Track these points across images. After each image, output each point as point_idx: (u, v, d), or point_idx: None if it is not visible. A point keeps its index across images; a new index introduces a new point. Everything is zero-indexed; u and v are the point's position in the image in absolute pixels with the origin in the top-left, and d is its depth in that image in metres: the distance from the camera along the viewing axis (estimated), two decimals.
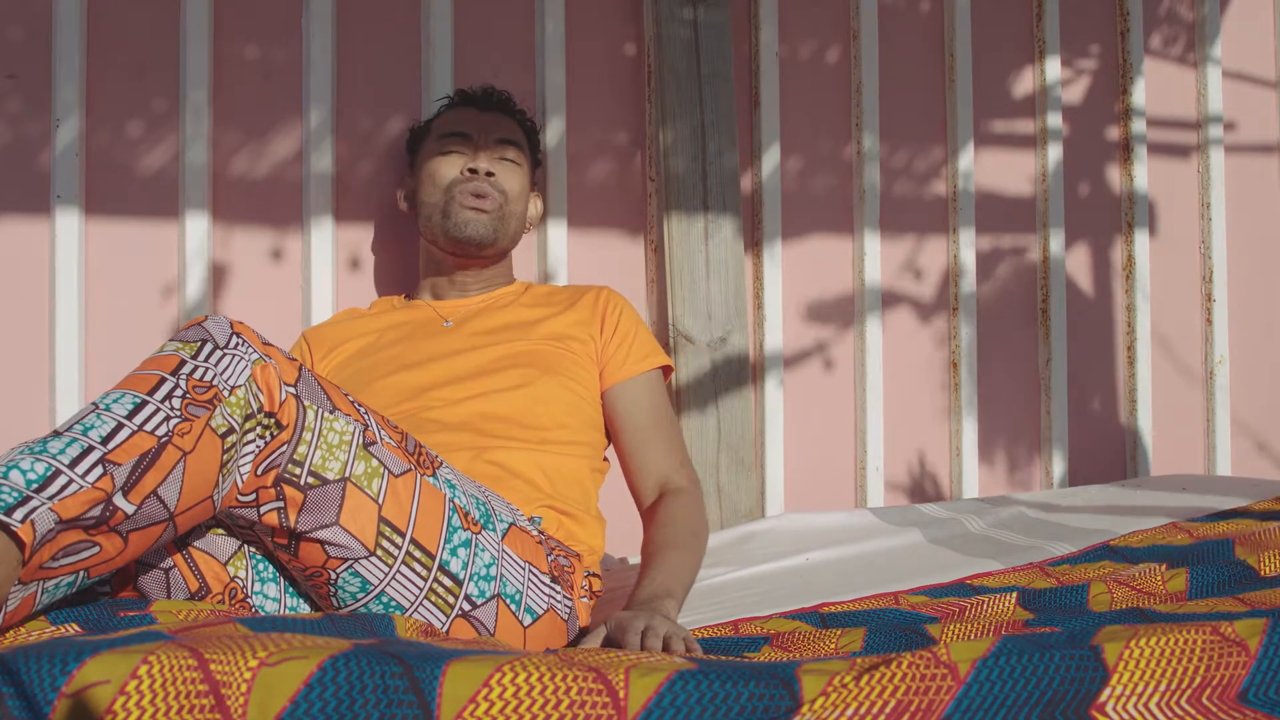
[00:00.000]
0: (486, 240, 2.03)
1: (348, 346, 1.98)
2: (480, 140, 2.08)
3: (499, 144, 2.09)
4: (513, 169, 2.10)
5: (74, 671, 0.82)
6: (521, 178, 2.12)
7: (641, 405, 1.91)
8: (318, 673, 0.85)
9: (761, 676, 0.89)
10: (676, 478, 1.86)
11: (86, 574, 1.15)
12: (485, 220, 2.02)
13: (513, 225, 2.10)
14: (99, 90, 2.25)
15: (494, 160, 2.07)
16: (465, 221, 2.01)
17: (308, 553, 1.31)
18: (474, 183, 2.03)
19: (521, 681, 0.87)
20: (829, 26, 2.78)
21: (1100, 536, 2.02)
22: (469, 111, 2.15)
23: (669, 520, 1.76)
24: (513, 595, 1.45)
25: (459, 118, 2.14)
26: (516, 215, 2.10)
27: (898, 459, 2.78)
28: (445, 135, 2.10)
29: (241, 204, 2.33)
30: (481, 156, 2.06)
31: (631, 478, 1.90)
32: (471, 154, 2.07)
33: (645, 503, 1.87)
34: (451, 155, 2.07)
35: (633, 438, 1.89)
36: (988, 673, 0.90)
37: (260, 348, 1.28)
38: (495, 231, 2.04)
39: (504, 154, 2.09)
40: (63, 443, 1.12)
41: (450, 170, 2.05)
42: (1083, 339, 2.98)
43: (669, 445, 1.90)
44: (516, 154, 2.12)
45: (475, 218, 2.01)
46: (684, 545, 1.72)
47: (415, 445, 1.44)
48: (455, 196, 2.02)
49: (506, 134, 2.12)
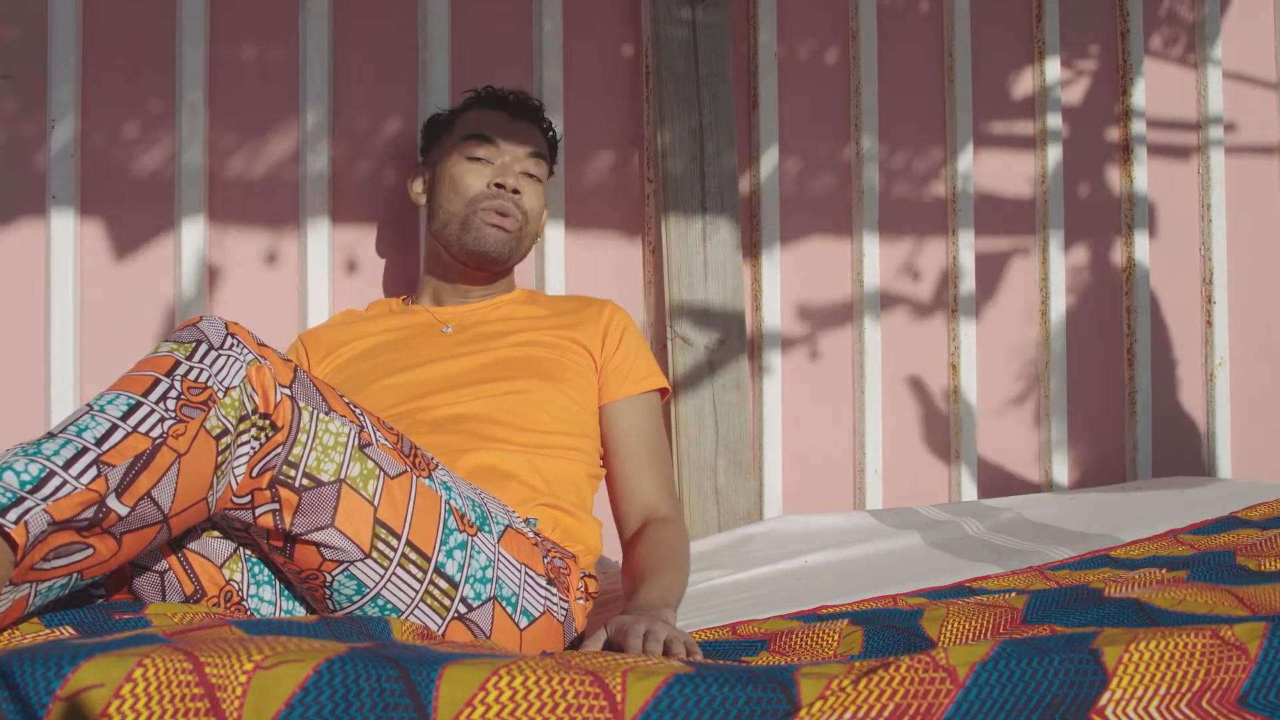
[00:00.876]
0: (503, 258, 2.03)
1: (345, 350, 1.97)
2: (509, 151, 2.05)
3: (527, 159, 2.06)
4: (536, 187, 2.08)
5: (69, 675, 0.81)
6: (542, 195, 2.10)
7: (636, 427, 1.90)
8: (313, 676, 0.85)
9: (759, 680, 0.88)
10: (664, 507, 1.85)
11: (80, 576, 1.14)
12: (506, 239, 2.01)
13: (528, 243, 2.09)
14: (95, 91, 2.24)
15: (521, 176, 2.05)
16: (486, 237, 1.99)
17: (303, 555, 1.31)
18: (499, 200, 2.00)
19: (519, 685, 0.87)
20: (828, 27, 2.78)
21: (1100, 541, 2.01)
22: (499, 116, 2.10)
23: (661, 542, 1.75)
24: (509, 597, 1.45)
25: (489, 120, 2.09)
26: (532, 235, 2.09)
27: (896, 461, 2.78)
28: (471, 137, 2.05)
29: (237, 205, 2.32)
30: (509, 172, 2.03)
31: (617, 501, 1.89)
32: (498, 165, 2.04)
33: (629, 528, 1.85)
34: (478, 164, 2.03)
35: (625, 460, 1.88)
36: (987, 676, 0.89)
37: (255, 349, 1.27)
38: (513, 251, 2.04)
39: (531, 170, 2.06)
40: (57, 444, 1.11)
41: (477, 182, 2.02)
42: (1082, 341, 2.97)
43: (659, 474, 1.89)
44: (541, 170, 2.09)
45: (497, 235, 2.00)
46: (676, 565, 1.71)
47: (411, 447, 1.43)
48: (478, 210, 2.00)
49: (535, 147, 2.09)
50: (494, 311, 2.04)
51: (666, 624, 1.39)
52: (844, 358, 2.75)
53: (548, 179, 2.15)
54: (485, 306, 2.05)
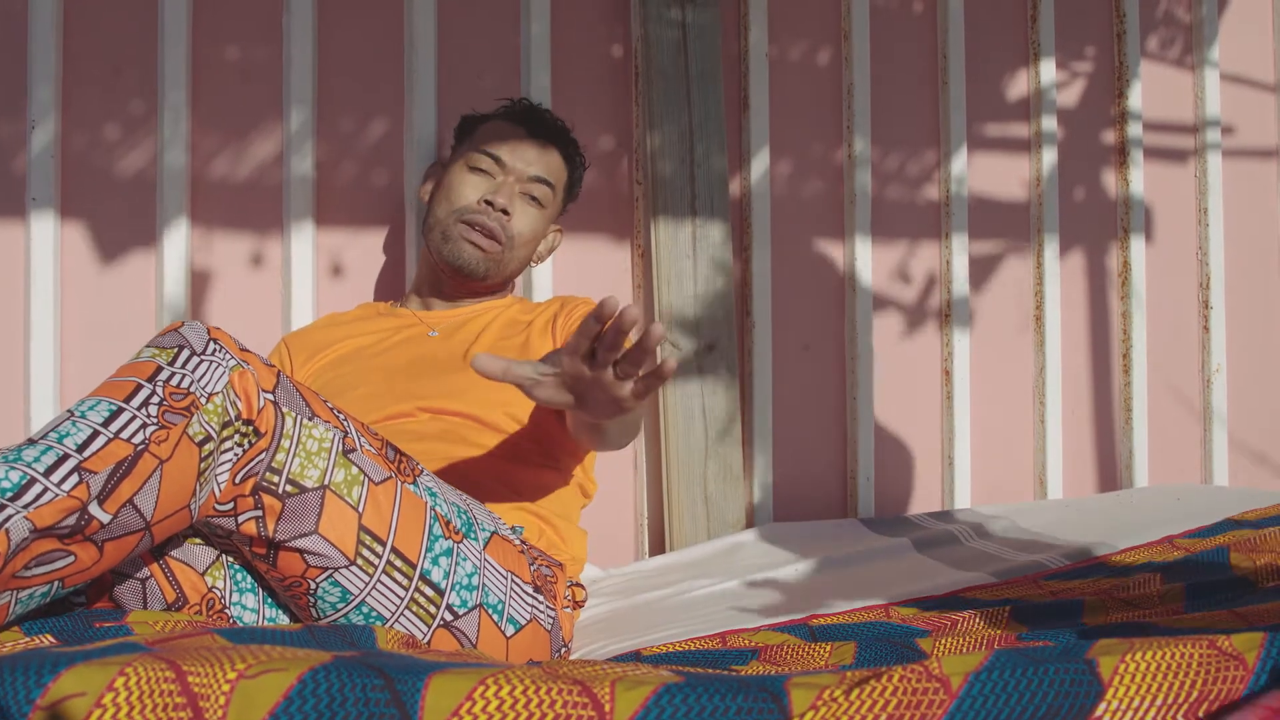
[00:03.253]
0: (478, 276, 2.01)
1: (329, 353, 1.96)
2: (513, 170, 2.03)
3: (530, 181, 2.04)
4: (533, 211, 2.05)
5: (49, 683, 0.81)
6: (539, 221, 2.07)
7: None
8: (298, 685, 0.84)
9: (750, 689, 0.87)
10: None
11: (61, 584, 1.13)
12: (482, 259, 1.99)
13: (512, 266, 2.06)
14: (75, 92, 2.23)
15: (516, 197, 2.03)
16: (461, 253, 1.98)
17: (286, 562, 1.30)
18: (483, 216, 1.99)
19: (506, 694, 0.86)
20: (820, 27, 2.77)
21: (1095, 549, 2.00)
22: (518, 131, 2.08)
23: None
24: (495, 605, 1.43)
25: (503, 134, 2.07)
26: (519, 258, 2.07)
27: (889, 468, 2.77)
28: (481, 150, 2.04)
29: (220, 208, 2.31)
30: (504, 190, 2.01)
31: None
32: (497, 182, 2.02)
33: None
34: (478, 176, 2.02)
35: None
36: (980, 686, 0.88)
37: (238, 354, 1.27)
38: (488, 271, 2.02)
39: (531, 192, 2.04)
40: (38, 450, 1.11)
41: (471, 193, 2.00)
42: (1077, 346, 2.96)
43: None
44: (545, 194, 2.07)
45: (473, 253, 1.98)
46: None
47: (396, 453, 1.42)
48: (462, 222, 1.98)
49: (542, 172, 2.06)
50: (479, 316, 2.03)
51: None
52: (836, 364, 2.73)
53: (558, 203, 2.13)
54: (471, 310, 2.05)
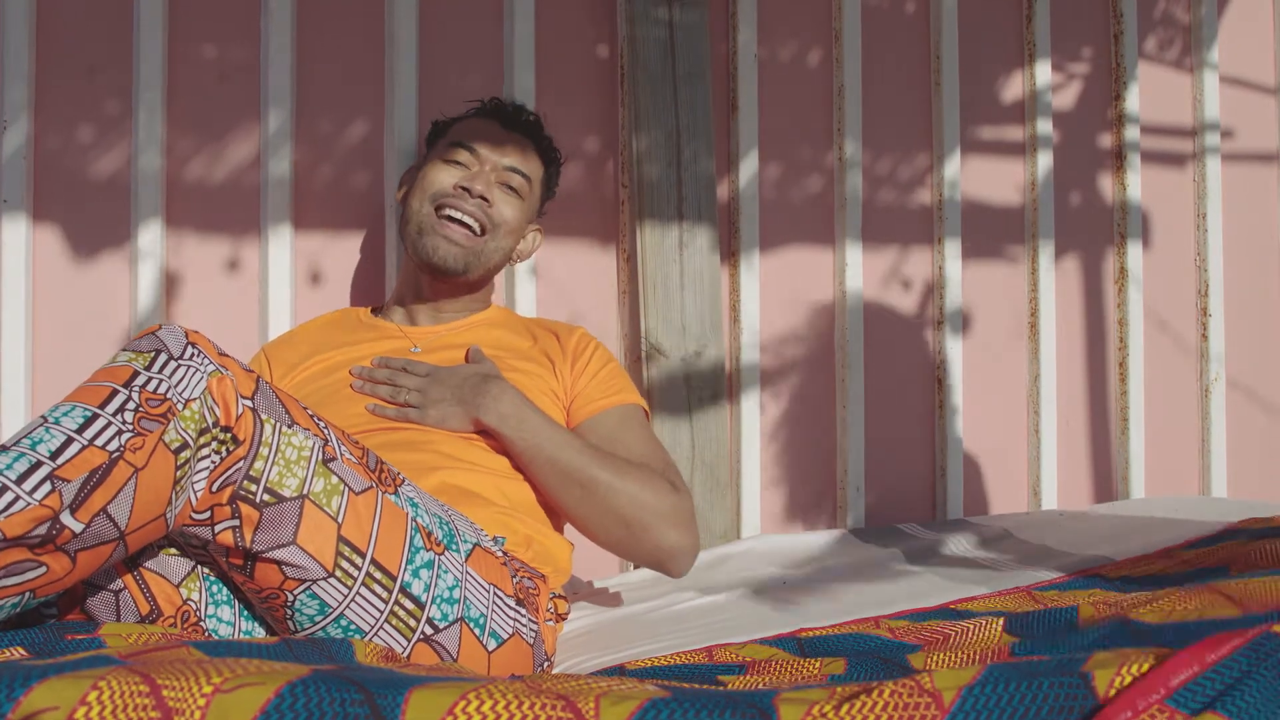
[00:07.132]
0: (456, 271, 1.98)
1: (310, 365, 1.93)
2: (488, 160, 2.02)
3: (507, 170, 2.02)
4: (513, 201, 2.03)
5: (20, 698, 0.80)
6: (520, 211, 2.05)
7: (609, 433, 1.83)
8: (275, 699, 0.83)
9: (737, 705, 0.86)
10: (669, 474, 1.79)
11: (32, 595, 1.12)
12: (459, 254, 1.96)
13: (493, 260, 2.04)
14: (49, 92, 2.21)
15: (496, 186, 2.01)
16: (436, 248, 1.95)
17: (264, 573, 1.27)
18: (461, 201, 1.96)
19: (488, 710, 0.84)
20: (810, 27, 2.75)
21: (1090, 561, 1.99)
22: (491, 125, 2.07)
23: (632, 465, 1.76)
24: (477, 619, 1.41)
25: (477, 128, 2.06)
26: (501, 250, 2.04)
27: (879, 478, 2.74)
28: (456, 143, 2.03)
29: (196, 210, 2.29)
30: (480, 178, 1.99)
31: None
32: (473, 171, 2.00)
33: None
34: (453, 166, 2.00)
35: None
36: (973, 701, 0.87)
37: (216, 359, 1.25)
38: (469, 265, 1.99)
39: (509, 181, 2.02)
40: (9, 457, 1.09)
41: (446, 179, 1.99)
42: (1072, 354, 2.95)
43: (648, 456, 1.81)
44: (523, 185, 2.05)
45: (448, 250, 1.95)
46: (607, 465, 1.72)
47: (377, 462, 1.40)
48: (438, 215, 1.96)
49: (519, 163, 2.04)
50: (463, 330, 2.01)
51: (452, 379, 1.76)
52: (825, 370, 2.72)
53: (537, 198, 2.11)
54: (457, 328, 2.02)
